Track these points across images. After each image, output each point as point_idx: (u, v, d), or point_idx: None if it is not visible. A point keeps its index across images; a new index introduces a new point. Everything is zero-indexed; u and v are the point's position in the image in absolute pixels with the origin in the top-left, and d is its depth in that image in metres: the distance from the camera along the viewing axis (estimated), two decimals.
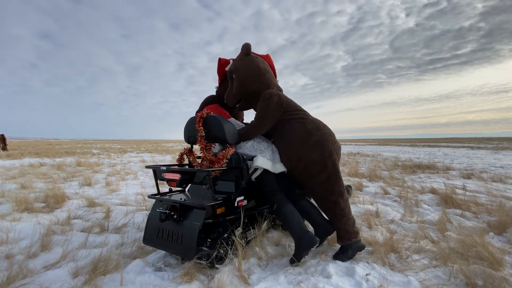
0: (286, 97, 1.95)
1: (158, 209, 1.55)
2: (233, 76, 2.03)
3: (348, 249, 1.67)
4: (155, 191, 1.85)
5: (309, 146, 1.75)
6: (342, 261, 1.63)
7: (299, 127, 1.81)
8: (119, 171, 6.07)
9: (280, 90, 2.12)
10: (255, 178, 1.88)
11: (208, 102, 2.25)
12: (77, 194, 3.55)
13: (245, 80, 1.98)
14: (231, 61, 2.26)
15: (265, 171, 1.83)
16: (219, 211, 1.59)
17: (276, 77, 2.21)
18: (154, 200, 1.78)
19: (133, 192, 3.70)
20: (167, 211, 1.52)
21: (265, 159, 1.80)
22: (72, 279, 1.42)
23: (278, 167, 1.85)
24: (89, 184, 4.29)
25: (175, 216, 1.53)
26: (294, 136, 1.80)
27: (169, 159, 9.63)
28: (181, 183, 1.70)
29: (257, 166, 1.78)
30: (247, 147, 1.87)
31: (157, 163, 8.16)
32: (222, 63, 2.23)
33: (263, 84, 1.99)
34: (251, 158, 1.81)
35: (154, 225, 1.63)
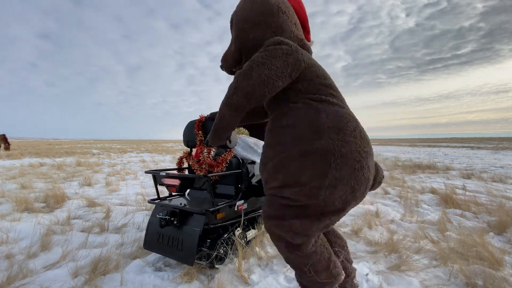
0: (311, 59, 1.15)
1: (158, 215, 1.54)
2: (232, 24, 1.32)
3: None
4: (154, 191, 1.85)
5: (303, 154, 0.98)
6: None
7: (307, 114, 1.03)
8: (119, 171, 6.06)
9: (305, 47, 1.27)
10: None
11: None
12: (77, 194, 3.55)
13: (244, 24, 1.23)
14: None
15: None
16: (219, 216, 1.59)
17: (307, 30, 1.42)
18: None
19: (133, 192, 3.70)
20: (167, 217, 1.51)
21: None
22: (72, 279, 1.42)
23: None
24: (89, 184, 4.29)
25: (175, 222, 1.52)
26: (289, 130, 1.04)
27: (169, 158, 9.62)
28: (181, 189, 1.69)
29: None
30: (244, 150, 1.86)
31: (157, 163, 8.16)
32: None
33: (271, 28, 1.21)
34: (251, 162, 1.81)
35: (154, 230, 1.63)
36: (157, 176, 1.73)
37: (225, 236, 1.63)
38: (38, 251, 1.76)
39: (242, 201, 1.76)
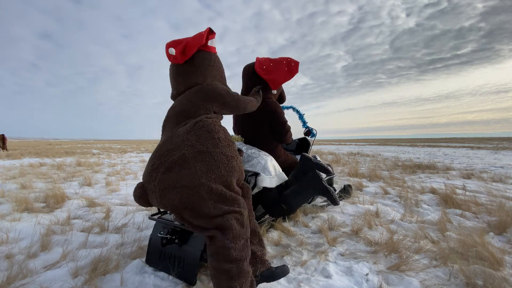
0: None
1: (160, 233, 1.52)
2: None
3: None
4: None
5: None
6: None
7: None
8: (119, 171, 6.06)
9: None
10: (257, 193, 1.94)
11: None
12: (77, 194, 3.55)
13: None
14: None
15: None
16: None
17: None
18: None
19: None
20: (168, 236, 1.49)
21: (268, 178, 1.85)
22: (72, 279, 1.42)
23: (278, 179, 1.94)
24: (89, 184, 4.29)
25: (176, 241, 1.50)
26: None
27: None
28: None
29: (264, 186, 1.84)
30: (244, 162, 1.90)
31: None
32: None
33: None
34: (252, 174, 1.83)
35: (156, 248, 1.60)
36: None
37: None
38: (38, 251, 1.76)
39: None
